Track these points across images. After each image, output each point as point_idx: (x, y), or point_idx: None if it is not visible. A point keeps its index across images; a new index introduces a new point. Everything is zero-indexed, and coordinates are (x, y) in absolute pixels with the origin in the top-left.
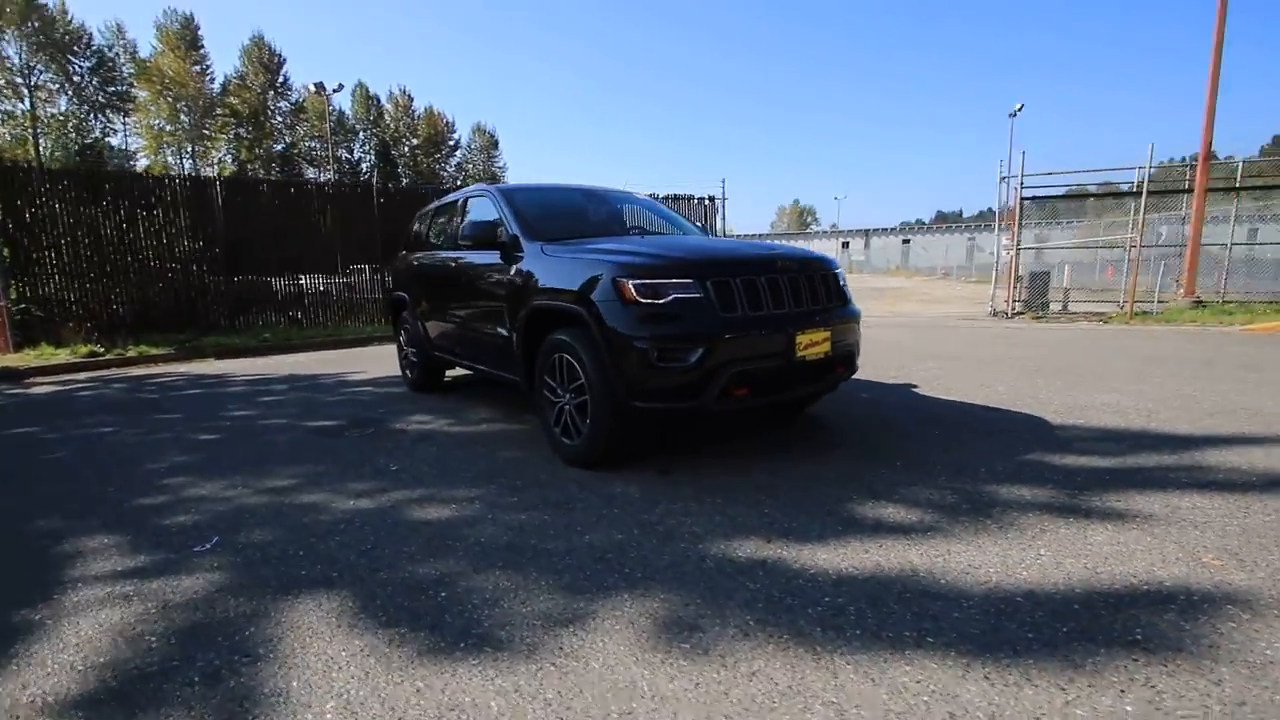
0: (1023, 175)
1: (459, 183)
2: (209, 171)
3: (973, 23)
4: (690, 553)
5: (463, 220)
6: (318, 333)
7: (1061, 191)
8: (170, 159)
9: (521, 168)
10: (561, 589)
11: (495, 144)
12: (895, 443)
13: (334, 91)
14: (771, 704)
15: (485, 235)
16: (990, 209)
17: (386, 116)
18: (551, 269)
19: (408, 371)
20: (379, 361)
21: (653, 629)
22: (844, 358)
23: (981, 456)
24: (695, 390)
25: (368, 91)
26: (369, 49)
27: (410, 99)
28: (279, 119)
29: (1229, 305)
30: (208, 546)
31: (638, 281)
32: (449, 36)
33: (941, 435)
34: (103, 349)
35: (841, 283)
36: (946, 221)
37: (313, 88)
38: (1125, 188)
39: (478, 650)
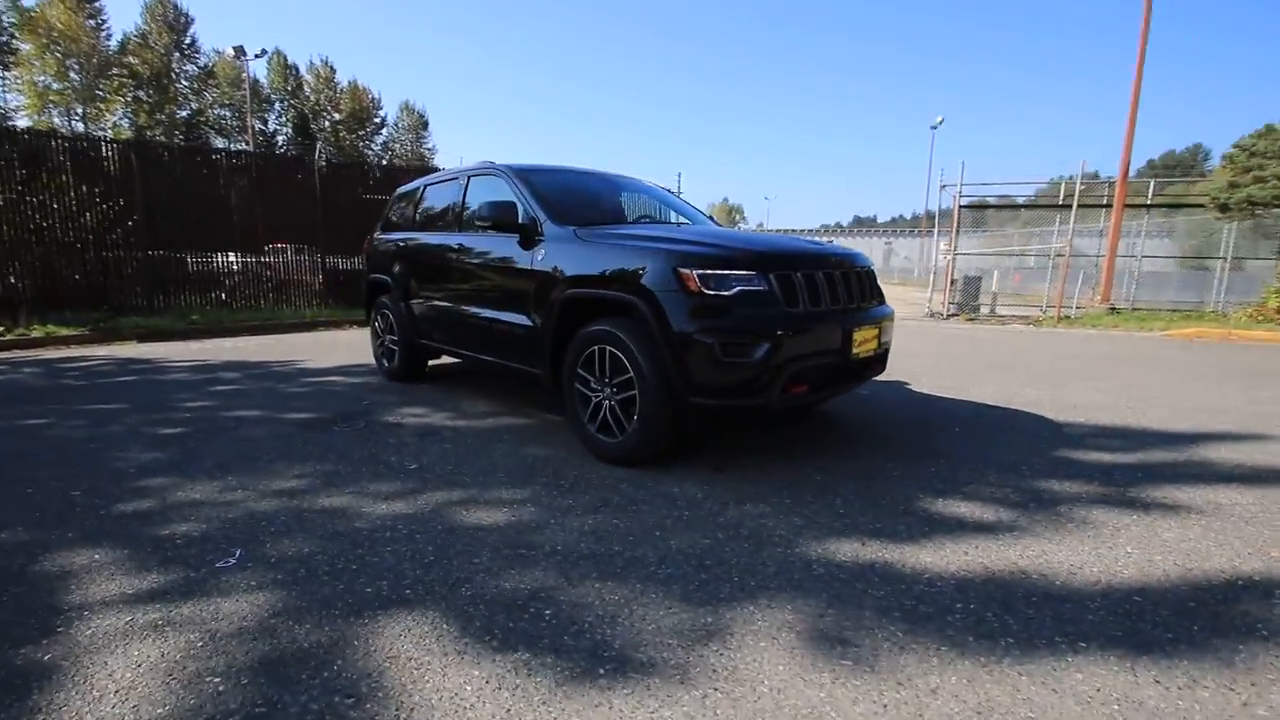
0: (961, 184)
1: (385, 162)
2: (102, 135)
3: (888, 50)
4: (792, 558)
5: (464, 201)
6: (251, 315)
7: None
8: (57, 120)
9: (452, 150)
10: (676, 601)
11: (425, 124)
12: (924, 440)
13: (256, 57)
14: (964, 718)
15: (506, 217)
16: (902, 216)
17: (306, 88)
18: (591, 256)
19: (385, 360)
20: (333, 348)
21: (800, 644)
22: (882, 356)
23: (1015, 453)
24: (759, 387)
25: (285, 60)
26: (288, 15)
27: (333, 71)
28: (185, 83)
29: (1139, 312)
30: (233, 561)
31: (702, 272)
32: (376, 13)
33: (963, 432)
34: (1, 328)
35: (877, 280)
36: (863, 226)
37: (231, 51)
38: (1021, 200)
39: (622, 676)
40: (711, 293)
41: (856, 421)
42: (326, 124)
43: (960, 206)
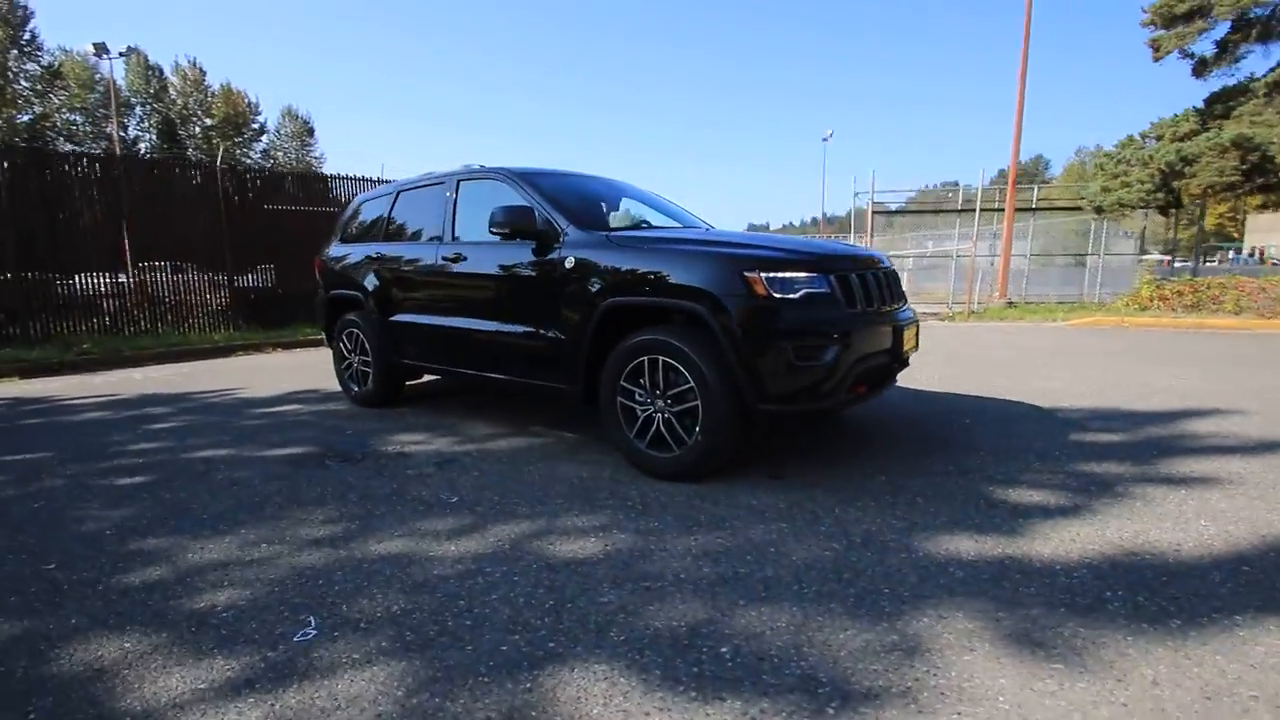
0: (873, 192)
1: (268, 169)
2: None
3: (781, 65)
4: (923, 562)
5: (455, 208)
6: (154, 342)
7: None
8: None
9: (340, 159)
10: (846, 619)
11: (310, 131)
12: (944, 433)
13: (120, 55)
14: (1205, 705)
15: (524, 223)
16: (792, 223)
17: (172, 91)
18: (634, 261)
19: (354, 385)
20: (268, 374)
21: (999, 651)
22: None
23: (1037, 440)
24: (828, 389)
25: (146, 60)
26: (146, 14)
27: (203, 73)
28: (25, 84)
29: (1032, 305)
30: (312, 632)
31: (769, 275)
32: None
33: (974, 424)
34: None
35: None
36: (757, 232)
37: (90, 49)
38: (893, 206)
39: (854, 711)
40: (779, 296)
41: (861, 418)
42: (197, 130)
43: (874, 212)
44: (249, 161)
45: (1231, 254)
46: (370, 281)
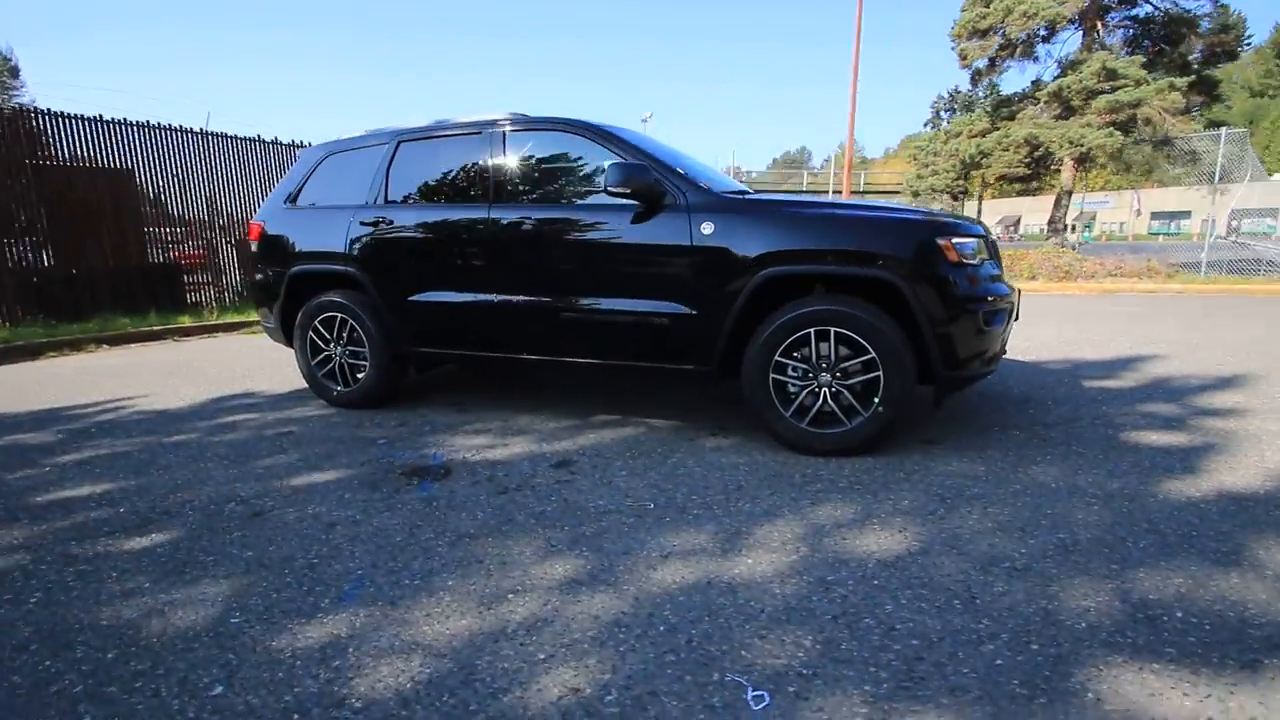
0: (737, 170)
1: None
2: None
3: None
4: (1182, 506)
5: (504, 164)
6: None
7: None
8: None
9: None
10: (1217, 569)
11: (14, 72)
12: (994, 389)
13: None
14: None
15: (643, 183)
16: None
17: None
18: (796, 229)
19: (336, 384)
20: (142, 379)
21: None
22: None
23: (1073, 390)
24: (998, 353)
25: None
26: None
27: None
28: None
29: None
30: (764, 696)
31: (960, 241)
32: None
33: (999, 378)
34: None
35: None
36: None
37: None
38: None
39: None
40: (968, 262)
41: None
42: None
43: None
44: None
45: None
46: (372, 254)
